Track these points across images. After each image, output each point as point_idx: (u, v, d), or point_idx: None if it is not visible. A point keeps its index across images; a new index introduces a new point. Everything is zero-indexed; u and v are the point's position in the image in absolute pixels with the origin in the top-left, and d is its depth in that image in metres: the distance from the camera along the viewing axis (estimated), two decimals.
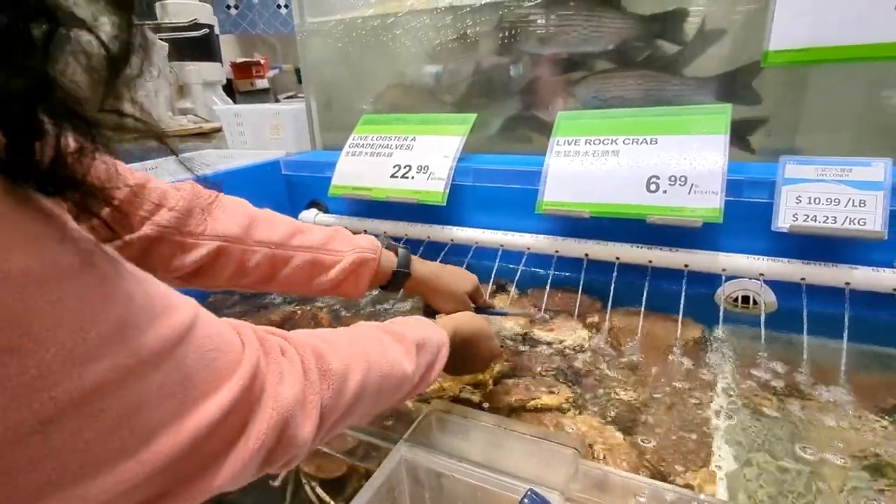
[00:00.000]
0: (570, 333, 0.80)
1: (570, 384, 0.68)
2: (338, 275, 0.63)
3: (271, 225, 0.63)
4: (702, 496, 0.40)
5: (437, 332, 0.52)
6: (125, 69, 0.24)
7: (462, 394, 0.66)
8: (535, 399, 0.64)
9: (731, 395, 0.65)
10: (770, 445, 0.58)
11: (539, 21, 0.99)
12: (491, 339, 0.65)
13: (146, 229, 0.52)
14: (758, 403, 0.63)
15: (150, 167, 1.23)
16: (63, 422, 0.21)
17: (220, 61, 2.43)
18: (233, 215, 0.60)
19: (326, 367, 0.37)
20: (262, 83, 3.28)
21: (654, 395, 0.66)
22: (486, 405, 0.64)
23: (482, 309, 0.77)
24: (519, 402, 0.63)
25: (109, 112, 0.24)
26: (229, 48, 3.54)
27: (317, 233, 0.65)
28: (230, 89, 2.93)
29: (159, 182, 0.56)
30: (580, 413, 0.63)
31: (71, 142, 0.23)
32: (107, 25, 0.23)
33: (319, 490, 0.58)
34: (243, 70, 3.22)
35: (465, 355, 0.58)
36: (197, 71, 2.19)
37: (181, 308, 0.28)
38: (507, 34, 1.03)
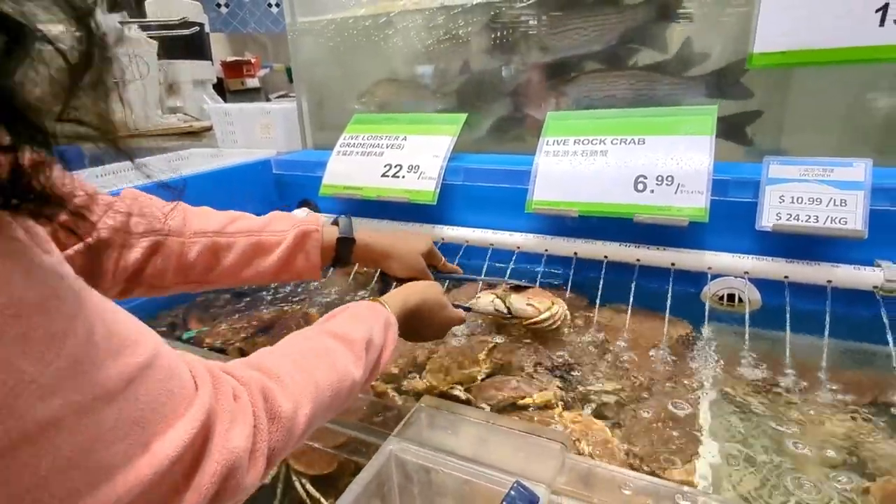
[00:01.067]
0: (547, 304, 0.78)
1: (558, 380, 0.69)
2: (284, 253, 0.63)
3: (206, 216, 0.63)
4: (685, 488, 0.41)
5: (382, 317, 0.51)
6: (85, 78, 0.24)
7: (452, 391, 0.67)
8: (524, 397, 0.65)
9: (716, 392, 0.66)
10: (754, 440, 0.59)
11: (531, 21, 1.00)
12: (445, 308, 0.64)
13: (91, 236, 0.51)
14: (743, 399, 0.65)
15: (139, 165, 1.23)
16: (18, 455, 0.21)
17: (211, 60, 2.41)
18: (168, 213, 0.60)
19: (276, 411, 0.36)
20: (252, 82, 3.28)
21: (642, 392, 0.67)
22: (475, 403, 0.64)
23: (442, 274, 0.75)
24: (508, 399, 0.64)
25: (68, 121, 0.24)
26: (220, 47, 3.53)
27: (255, 218, 0.66)
28: (221, 88, 2.91)
29: (103, 192, 0.56)
30: (568, 409, 0.64)
31: (29, 153, 0.23)
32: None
33: (309, 486, 0.58)
34: (234, 69, 3.21)
35: (416, 326, 0.59)
36: (187, 69, 2.17)
37: (141, 344, 0.28)
38: (498, 34, 1.03)
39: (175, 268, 0.59)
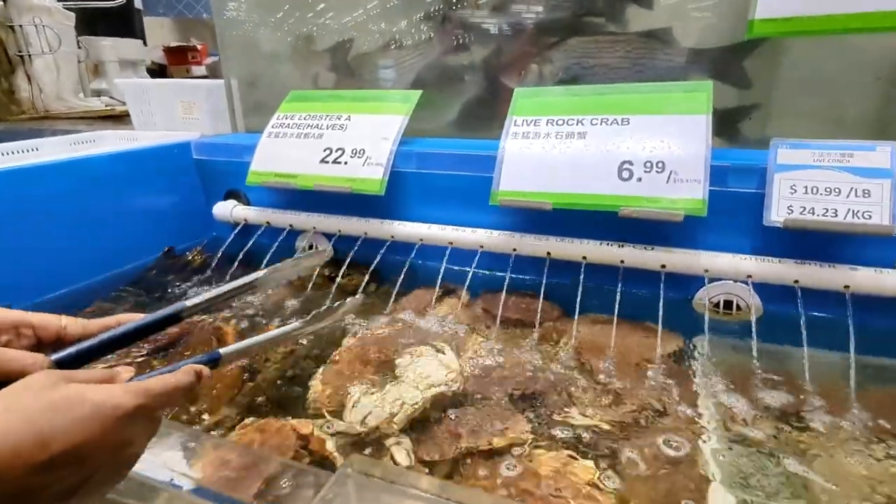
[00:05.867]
0: None
1: (530, 414, 0.55)
2: None
3: None
4: None
5: None
6: None
7: (388, 442, 0.52)
8: (489, 438, 0.50)
9: (721, 421, 0.54)
10: (768, 481, 0.47)
11: None
12: (88, 420, 0.27)
13: None
14: (753, 433, 0.53)
15: (28, 147, 1.02)
16: None
17: (143, 39, 2.18)
18: None
19: None
20: (199, 70, 3.03)
21: (632, 426, 0.54)
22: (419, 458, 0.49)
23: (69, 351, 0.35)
24: (467, 448, 0.49)
25: None
26: (164, 31, 3.28)
27: None
28: (164, 76, 2.68)
29: None
30: (543, 453, 0.50)
31: None
32: None
33: None
34: (178, 55, 2.96)
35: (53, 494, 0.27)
36: (112, 47, 1.94)
37: None
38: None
39: None
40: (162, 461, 0.39)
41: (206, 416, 0.57)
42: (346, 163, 0.83)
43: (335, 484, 0.35)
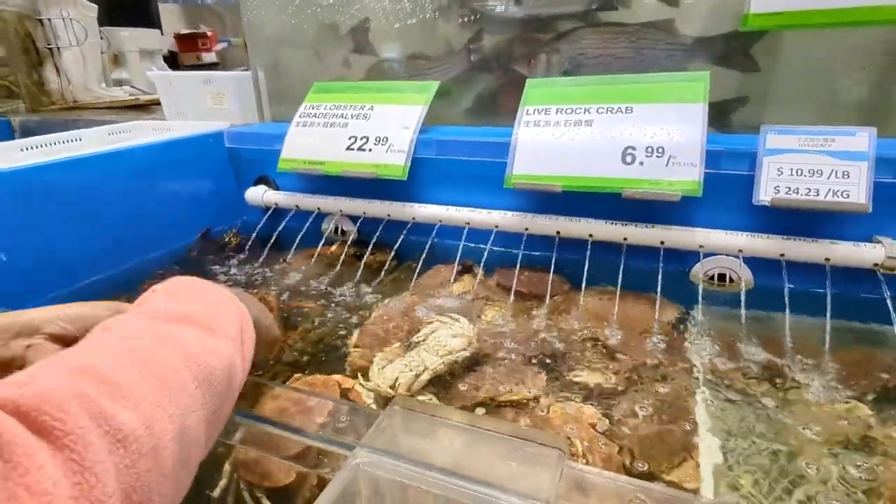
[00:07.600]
0: None
1: (542, 373, 0.63)
2: None
3: None
4: (703, 499, 0.35)
5: (216, 288, 0.42)
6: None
7: (422, 393, 0.59)
8: (505, 393, 0.58)
9: (711, 380, 0.61)
10: (754, 431, 0.55)
11: None
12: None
13: None
14: (740, 387, 0.60)
15: (72, 138, 1.10)
16: None
17: (160, 28, 2.24)
18: None
19: (117, 429, 0.24)
20: (209, 57, 3.09)
21: (633, 383, 0.61)
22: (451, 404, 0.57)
23: None
24: (487, 398, 0.57)
25: None
26: (173, 18, 3.31)
27: None
28: (174, 63, 2.73)
29: None
30: (554, 404, 0.58)
31: None
32: None
33: (266, 502, 0.51)
34: (188, 42, 3.01)
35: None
36: (132, 38, 2.00)
37: None
38: None
39: None
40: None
41: (259, 374, 0.65)
42: (370, 150, 0.90)
43: (386, 416, 0.42)
